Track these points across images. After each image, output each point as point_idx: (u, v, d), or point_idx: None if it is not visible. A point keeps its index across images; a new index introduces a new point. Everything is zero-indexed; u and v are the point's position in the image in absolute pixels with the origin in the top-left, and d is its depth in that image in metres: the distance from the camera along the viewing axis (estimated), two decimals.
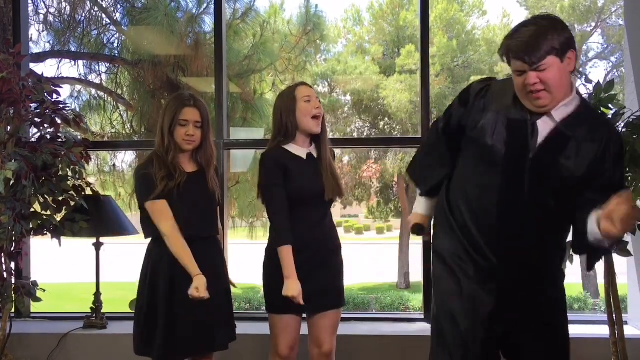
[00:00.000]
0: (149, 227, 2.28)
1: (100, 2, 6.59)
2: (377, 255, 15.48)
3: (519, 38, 1.70)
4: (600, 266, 2.47)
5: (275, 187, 2.27)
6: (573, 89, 1.78)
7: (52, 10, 6.40)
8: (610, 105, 2.61)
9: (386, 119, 11.62)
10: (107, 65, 6.74)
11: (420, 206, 2.13)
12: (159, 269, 2.24)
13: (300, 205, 2.29)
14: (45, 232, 2.93)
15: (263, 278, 2.37)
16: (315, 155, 2.37)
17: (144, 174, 2.25)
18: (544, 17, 1.75)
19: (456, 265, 1.87)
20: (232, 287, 2.48)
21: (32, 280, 3.00)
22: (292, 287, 2.20)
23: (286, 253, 2.23)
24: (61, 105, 2.95)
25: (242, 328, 2.47)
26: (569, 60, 1.71)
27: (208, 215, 2.34)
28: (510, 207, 1.78)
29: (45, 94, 2.92)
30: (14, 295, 2.85)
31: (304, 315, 2.38)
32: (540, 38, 1.67)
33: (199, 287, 2.15)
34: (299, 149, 2.35)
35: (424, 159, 2.11)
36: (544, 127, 1.76)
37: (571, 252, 2.68)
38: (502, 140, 1.78)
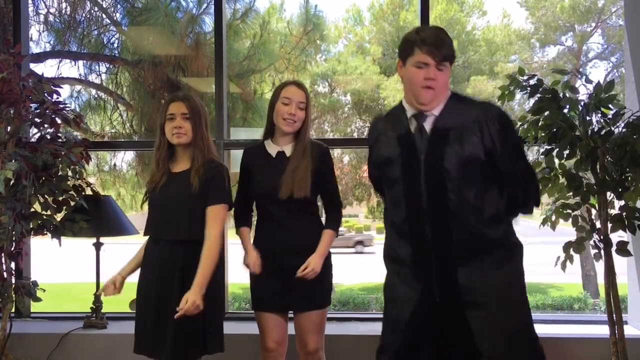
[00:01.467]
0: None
1: (101, 2, 6.59)
2: (377, 256, 15.46)
3: (432, 36, 1.85)
4: (600, 266, 2.47)
5: (240, 182, 2.44)
6: (448, 89, 1.92)
7: (52, 10, 6.40)
8: (610, 105, 2.61)
9: None
10: (107, 65, 6.74)
11: None
12: (145, 271, 2.32)
13: (261, 203, 2.40)
14: (45, 232, 2.94)
15: (249, 277, 2.42)
16: (288, 154, 2.37)
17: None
18: (444, 30, 1.91)
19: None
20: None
21: (32, 280, 3.01)
22: (249, 256, 2.34)
23: (241, 232, 2.42)
24: (61, 106, 2.95)
25: (241, 328, 2.48)
26: (450, 70, 1.91)
27: (174, 218, 2.23)
28: (415, 213, 1.87)
29: (46, 94, 2.92)
30: (14, 295, 2.85)
31: (291, 315, 2.42)
32: (448, 40, 1.86)
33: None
34: (274, 147, 2.41)
35: None
36: (428, 126, 1.88)
37: (572, 252, 2.69)
38: (394, 154, 1.90)
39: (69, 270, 11.70)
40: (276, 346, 2.37)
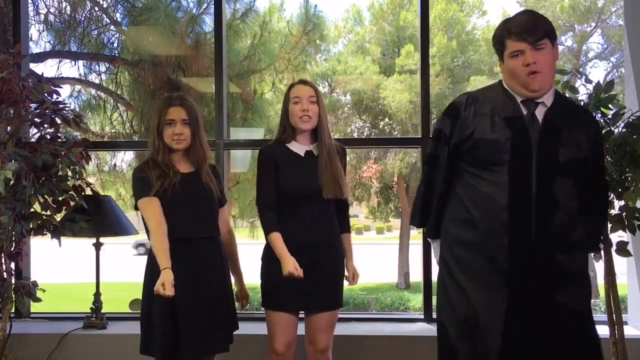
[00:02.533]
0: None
1: (101, 3, 6.59)
2: (377, 256, 15.48)
3: (517, 21, 1.82)
4: (600, 266, 2.47)
5: (263, 182, 2.35)
6: (554, 72, 1.89)
7: (52, 10, 6.40)
8: (610, 106, 2.61)
9: (386, 119, 11.62)
10: (107, 65, 6.74)
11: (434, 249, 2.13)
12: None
13: (293, 202, 2.32)
14: (45, 232, 2.93)
15: (260, 274, 2.39)
16: (315, 153, 2.38)
17: (140, 175, 2.27)
18: (532, 10, 1.89)
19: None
20: (236, 290, 2.48)
21: (32, 280, 3.00)
22: (287, 263, 2.22)
23: (275, 238, 2.28)
24: (61, 106, 2.95)
25: (242, 328, 2.47)
26: (556, 49, 1.85)
27: (204, 216, 2.30)
28: (520, 204, 1.79)
29: (45, 94, 2.92)
30: (14, 296, 2.85)
31: (301, 315, 2.39)
32: (538, 21, 1.81)
33: (165, 283, 2.05)
34: (299, 147, 2.38)
35: (428, 203, 2.03)
36: (540, 115, 1.84)
37: None
38: (504, 137, 1.82)
39: (69, 270, 11.71)
40: (286, 349, 2.34)
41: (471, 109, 1.89)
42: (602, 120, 2.63)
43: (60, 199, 2.93)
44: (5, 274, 2.85)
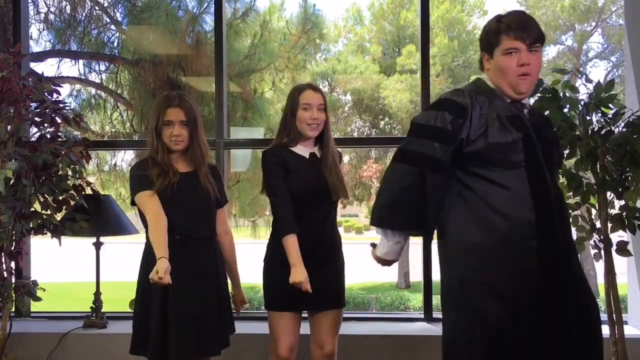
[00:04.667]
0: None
1: (101, 2, 6.58)
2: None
3: (515, 18, 1.76)
4: (600, 266, 2.47)
5: (277, 180, 2.31)
6: None
7: (52, 9, 6.40)
8: (610, 105, 2.61)
9: (386, 118, 11.61)
10: (107, 64, 6.74)
11: (394, 251, 1.89)
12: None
13: (302, 203, 2.30)
14: (45, 232, 2.93)
15: (263, 275, 2.37)
16: (318, 155, 2.39)
17: (139, 172, 2.26)
18: (525, 12, 1.86)
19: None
20: (232, 294, 2.47)
21: (32, 279, 3.01)
22: (298, 273, 2.19)
23: (291, 242, 2.23)
24: (61, 105, 2.95)
25: (242, 328, 2.47)
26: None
27: (200, 217, 2.29)
28: (543, 203, 1.73)
29: (46, 93, 2.92)
30: (14, 295, 2.85)
31: (304, 315, 2.38)
32: (534, 21, 1.77)
33: (159, 270, 1.98)
34: (303, 149, 2.38)
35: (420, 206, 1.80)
36: (527, 118, 1.82)
37: None
38: (517, 137, 1.75)
39: (69, 270, 11.70)
40: (289, 353, 2.33)
41: (477, 109, 1.78)
42: (602, 120, 2.63)
43: (60, 198, 2.93)
44: (5, 273, 2.85)
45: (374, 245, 1.95)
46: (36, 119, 2.93)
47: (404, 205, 1.79)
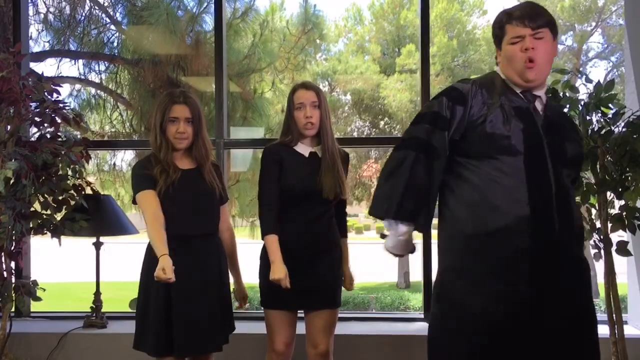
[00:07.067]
0: None
1: (101, 2, 6.58)
2: (377, 255, 15.46)
3: (520, 7, 1.77)
4: (600, 266, 2.47)
5: (266, 182, 2.35)
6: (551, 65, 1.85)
7: (52, 9, 6.40)
8: (610, 105, 2.61)
9: (386, 118, 11.60)
10: (107, 64, 6.74)
11: (399, 245, 1.89)
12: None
13: (294, 202, 2.33)
14: (45, 232, 2.93)
15: (259, 273, 2.40)
16: (319, 154, 2.39)
17: (141, 170, 2.27)
18: (535, 2, 1.83)
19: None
20: (234, 291, 2.49)
21: (32, 279, 3.01)
22: (277, 270, 2.24)
23: (270, 241, 2.29)
24: (61, 105, 2.95)
25: (241, 327, 2.48)
26: (555, 44, 1.80)
27: (203, 213, 2.30)
28: (541, 196, 1.70)
29: (45, 93, 2.92)
30: (14, 295, 2.85)
31: (300, 314, 2.40)
32: (540, 9, 1.77)
33: (165, 268, 2.01)
34: (304, 148, 2.40)
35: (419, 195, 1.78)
36: (539, 106, 1.81)
37: None
38: (518, 127, 1.73)
39: (69, 270, 11.70)
40: (285, 348, 2.36)
41: (478, 97, 1.76)
42: (602, 120, 2.63)
43: (60, 198, 2.93)
44: (5, 273, 2.85)
45: (383, 236, 1.93)
46: (36, 118, 2.93)
47: (394, 193, 1.77)
